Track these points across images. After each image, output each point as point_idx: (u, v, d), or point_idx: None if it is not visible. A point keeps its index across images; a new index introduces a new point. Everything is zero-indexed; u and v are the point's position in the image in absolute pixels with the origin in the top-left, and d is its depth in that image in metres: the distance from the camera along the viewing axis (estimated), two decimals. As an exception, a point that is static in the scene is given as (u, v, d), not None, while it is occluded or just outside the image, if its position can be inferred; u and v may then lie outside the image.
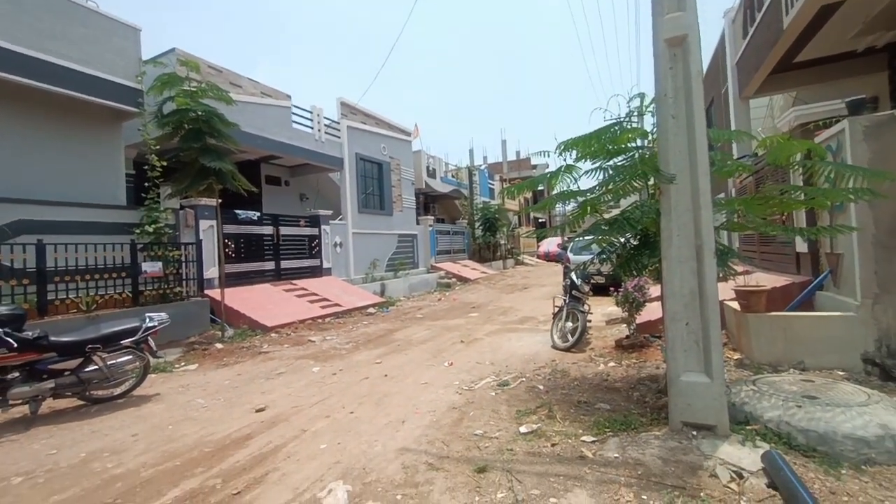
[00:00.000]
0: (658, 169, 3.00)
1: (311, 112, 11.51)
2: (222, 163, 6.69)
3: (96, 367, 4.15)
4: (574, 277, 6.00)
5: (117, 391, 4.40)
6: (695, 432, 2.97)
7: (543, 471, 2.72)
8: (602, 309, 8.26)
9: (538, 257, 29.33)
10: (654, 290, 5.62)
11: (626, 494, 2.39)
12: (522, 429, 3.35)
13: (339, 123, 12.44)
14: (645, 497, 2.36)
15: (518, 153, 37.72)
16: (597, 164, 4.15)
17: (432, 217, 17.52)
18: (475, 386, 4.49)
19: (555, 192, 4.51)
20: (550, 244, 30.47)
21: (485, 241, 21.21)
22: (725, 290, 4.43)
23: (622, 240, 4.01)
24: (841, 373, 3.83)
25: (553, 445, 3.05)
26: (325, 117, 11.86)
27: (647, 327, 5.55)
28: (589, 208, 4.20)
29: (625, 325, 6.80)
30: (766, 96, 8.30)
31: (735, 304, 4.64)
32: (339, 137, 12.35)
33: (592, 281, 10.75)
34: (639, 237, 3.86)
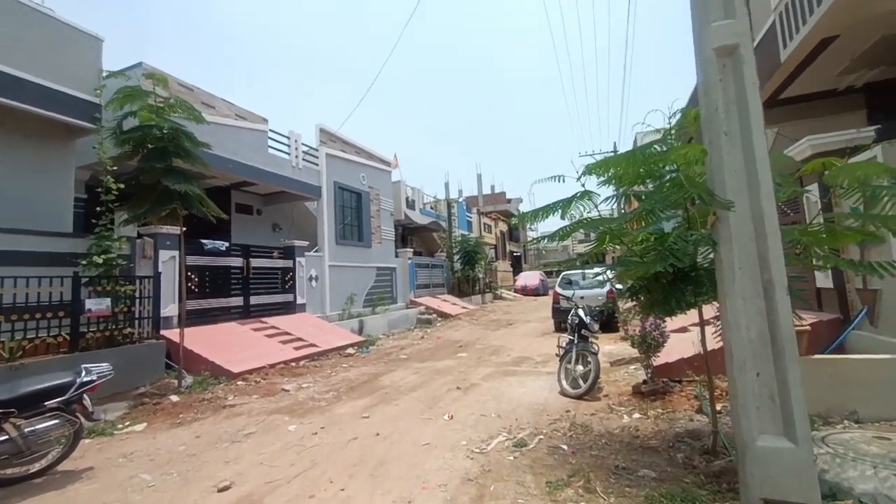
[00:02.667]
0: (712, 193, 2.59)
1: (288, 137, 10.95)
2: (189, 185, 5.96)
3: (6, 437, 3.23)
4: (582, 315, 5.52)
5: (35, 467, 3.45)
6: (780, 513, 2.42)
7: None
8: (601, 347, 7.77)
9: (516, 291, 29.06)
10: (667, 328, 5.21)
11: None
12: (562, 510, 2.71)
13: (317, 150, 11.91)
14: None
15: (493, 187, 38.18)
16: (621, 191, 3.78)
17: (411, 249, 16.95)
18: (487, 447, 3.81)
19: (566, 220, 4.08)
20: (528, 278, 30.44)
21: (464, 275, 20.73)
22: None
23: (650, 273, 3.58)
24: (894, 423, 3.42)
25: (606, 535, 2.43)
26: (303, 143, 11.32)
27: (666, 370, 5.07)
28: (607, 238, 3.81)
29: (633, 366, 6.33)
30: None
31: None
32: (318, 165, 11.79)
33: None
34: (673, 271, 3.42)
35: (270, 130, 10.57)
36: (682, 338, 5.38)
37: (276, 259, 10.26)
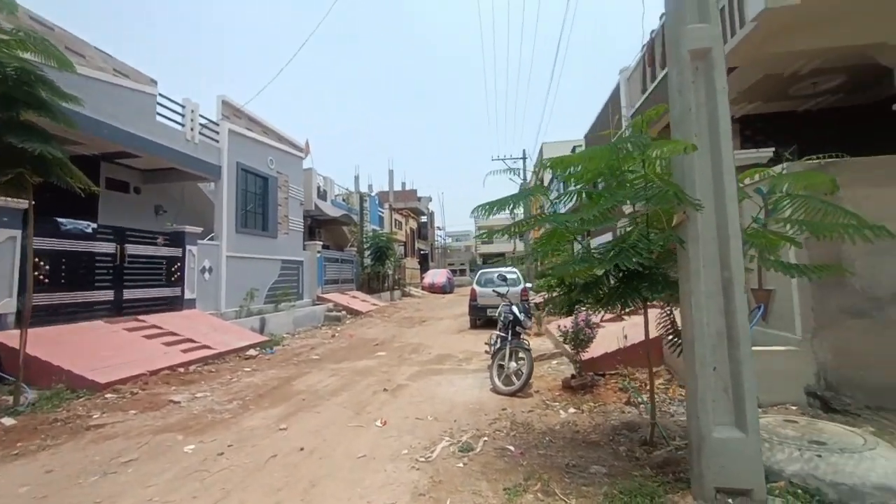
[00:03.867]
0: (684, 192, 2.64)
1: (183, 107, 9.33)
2: (46, 146, 4.59)
3: None
4: (517, 312, 5.50)
5: None
6: (730, 500, 2.52)
7: None
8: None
9: (423, 288, 29.10)
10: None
11: None
12: (529, 520, 2.53)
13: (218, 125, 10.37)
14: None
15: (404, 184, 37.81)
16: (577, 187, 3.77)
17: (320, 242, 15.85)
18: (432, 455, 3.50)
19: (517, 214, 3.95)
20: (436, 276, 30.69)
21: (374, 271, 20.07)
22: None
23: (599, 273, 3.62)
24: (793, 407, 3.93)
25: (580, 542, 2.29)
26: (201, 116, 9.75)
27: (592, 365, 5.28)
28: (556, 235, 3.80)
29: (555, 361, 6.54)
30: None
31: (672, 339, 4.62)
32: (218, 142, 10.27)
33: (491, 313, 10.61)
34: (624, 270, 3.49)
35: (160, 95, 8.89)
36: (604, 333, 5.68)
37: (160, 247, 8.66)
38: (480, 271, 11.91)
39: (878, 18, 5.30)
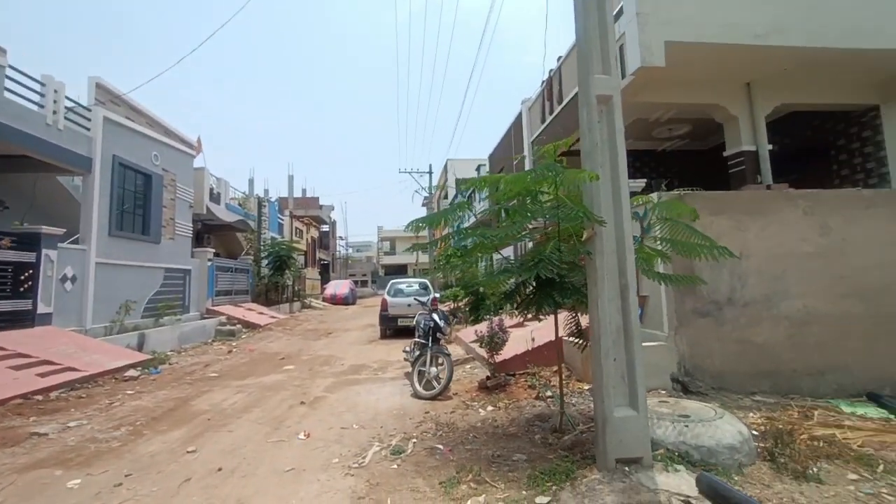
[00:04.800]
0: (591, 212, 3.16)
1: (43, 84, 7.86)
2: None
3: None
4: (437, 319, 5.76)
5: None
6: (626, 468, 3.04)
7: (537, 557, 2.22)
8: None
9: (324, 300, 27.97)
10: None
11: (637, 558, 2.16)
12: (468, 506, 2.75)
13: (90, 111, 8.91)
14: (654, 555, 2.18)
15: (304, 191, 36.10)
16: (496, 206, 4.18)
17: (212, 250, 14.39)
18: (364, 460, 3.54)
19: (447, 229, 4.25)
20: (338, 286, 29.73)
21: (272, 282, 18.77)
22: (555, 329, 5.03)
23: (512, 281, 4.06)
24: (663, 391, 4.79)
25: (514, 518, 2.59)
26: (68, 98, 8.30)
27: (506, 366, 5.75)
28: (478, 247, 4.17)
29: (469, 365, 6.94)
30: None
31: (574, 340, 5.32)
32: (90, 130, 8.83)
33: (402, 323, 10.82)
34: (537, 279, 3.96)
35: (10, 67, 7.38)
36: (513, 337, 6.22)
37: (5, 250, 7.14)
38: (391, 282, 12.00)
39: (713, 87, 6.82)
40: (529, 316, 4.19)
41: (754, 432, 3.64)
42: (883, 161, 7.08)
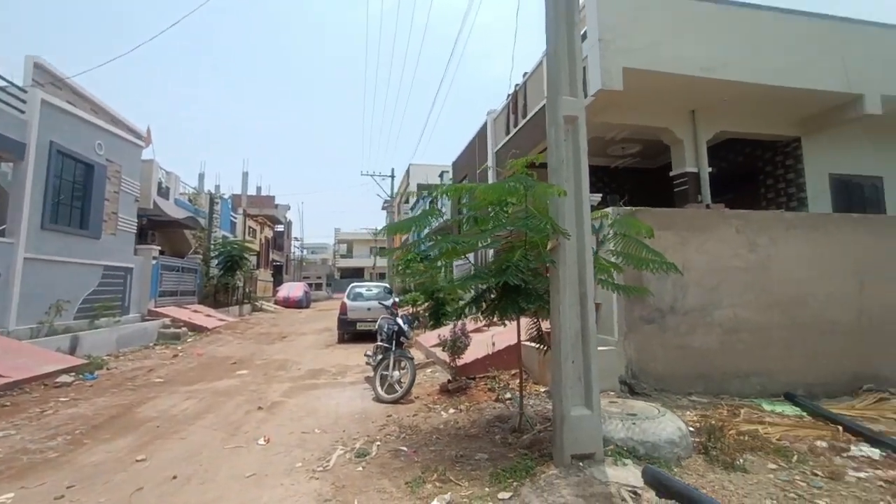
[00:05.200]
0: (558, 225, 3.39)
1: (-29, 60, 7.14)
2: None
3: None
4: (401, 323, 5.81)
5: None
6: (581, 463, 3.27)
7: (501, 548, 2.35)
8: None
9: (277, 303, 27.01)
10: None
11: (592, 544, 2.35)
12: (435, 503, 2.84)
13: (26, 92, 8.18)
14: (607, 540, 2.38)
15: (259, 189, 34.77)
16: (468, 213, 4.34)
17: (157, 248, 13.56)
18: (329, 464, 3.54)
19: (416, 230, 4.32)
20: (292, 289, 28.82)
21: (222, 283, 17.91)
22: (509, 334, 5.27)
23: (479, 286, 4.23)
24: (612, 392, 5.12)
25: (479, 514, 2.71)
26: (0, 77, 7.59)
27: (467, 369, 5.89)
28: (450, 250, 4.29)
29: (430, 369, 7.04)
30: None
31: (533, 345, 5.57)
32: (25, 113, 8.10)
33: (361, 327, 10.76)
34: (504, 285, 4.15)
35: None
36: (473, 342, 6.39)
37: (-84, 239, 6.40)
38: (351, 285, 11.87)
39: (663, 112, 7.40)
40: (495, 320, 4.35)
41: (691, 429, 3.99)
42: (802, 187, 7.98)
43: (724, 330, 5.48)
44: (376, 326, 6.65)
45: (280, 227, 34.40)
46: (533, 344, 5.10)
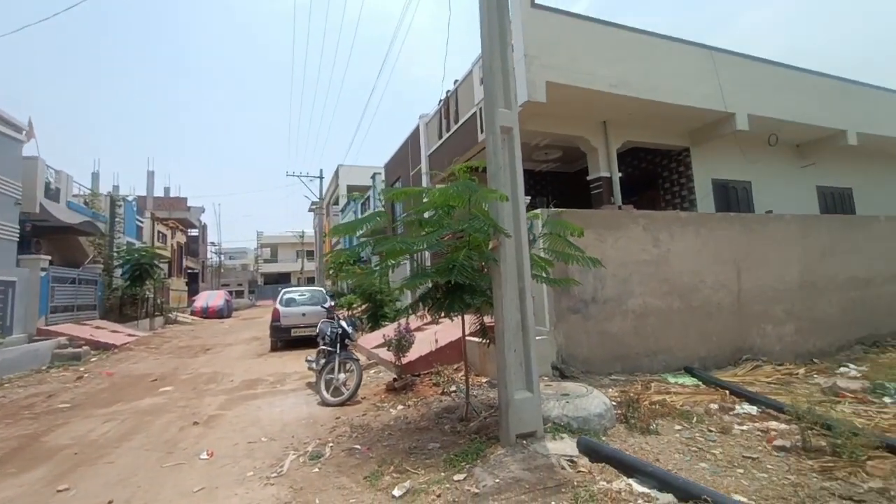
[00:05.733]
0: (499, 225, 3.71)
1: None
2: None
3: None
4: (345, 325, 5.82)
5: None
6: (524, 441, 3.62)
7: (462, 521, 2.59)
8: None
9: (194, 313, 24.87)
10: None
11: (540, 506, 2.68)
12: (395, 492, 3.01)
13: None
14: (550, 500, 2.73)
15: (168, 190, 31.67)
16: (410, 215, 4.52)
17: (47, 258, 11.89)
18: (282, 469, 3.53)
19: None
20: (211, 298, 26.74)
21: (129, 294, 16.13)
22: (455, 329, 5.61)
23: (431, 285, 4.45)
24: (546, 377, 5.61)
25: (438, 496, 2.93)
26: None
27: (412, 367, 6.06)
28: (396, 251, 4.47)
29: (373, 370, 7.10)
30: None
31: (477, 340, 5.92)
32: None
33: (296, 333, 10.45)
34: (448, 283, 4.40)
35: None
36: (417, 339, 6.58)
37: None
38: (283, 291, 11.41)
39: (580, 122, 8.19)
40: (438, 317, 4.59)
41: (613, 403, 4.56)
42: (692, 190, 9.28)
43: (635, 316, 6.26)
44: (316, 331, 6.58)
45: (194, 232, 31.62)
46: (476, 339, 5.44)
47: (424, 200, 4.15)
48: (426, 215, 4.44)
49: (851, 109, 9.93)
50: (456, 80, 9.10)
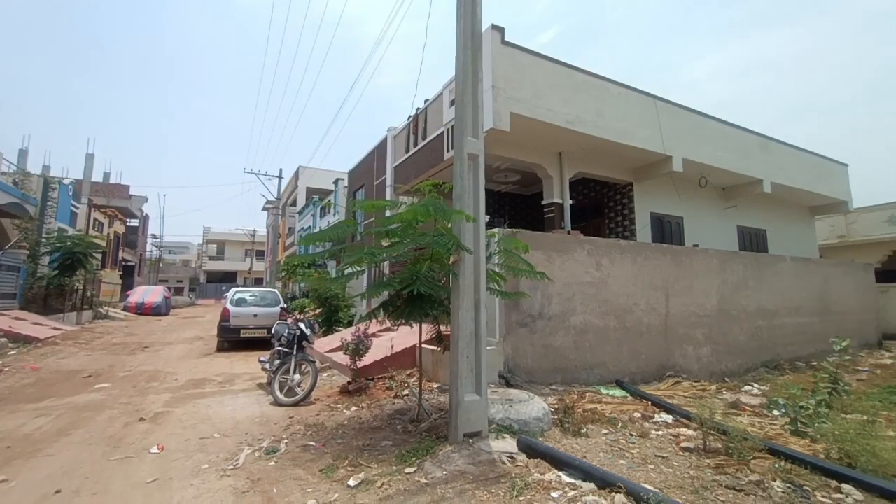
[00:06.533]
0: (461, 242, 4.09)
1: None
2: None
3: None
4: (303, 327, 5.92)
5: None
6: (471, 440, 3.97)
7: (413, 506, 2.88)
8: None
9: (127, 309, 23.24)
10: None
11: (482, 495, 3.02)
12: (350, 482, 3.24)
13: None
14: (494, 490, 3.08)
15: (108, 175, 29.53)
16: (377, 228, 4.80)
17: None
18: (238, 462, 3.64)
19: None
20: (148, 294, 25.12)
21: (56, 285, 14.93)
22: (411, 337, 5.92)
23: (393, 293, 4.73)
24: (493, 385, 6.01)
25: (391, 486, 3.20)
26: None
27: (367, 371, 6.24)
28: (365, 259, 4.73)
29: (326, 373, 7.20)
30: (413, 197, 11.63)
31: (432, 347, 6.23)
32: None
33: (246, 335, 10.27)
34: (410, 293, 4.71)
35: None
36: (374, 344, 6.78)
37: None
38: (234, 290, 11.14)
39: (538, 151, 8.85)
40: (392, 324, 4.86)
41: (551, 409, 5.03)
42: (633, 221, 10.22)
43: (576, 332, 6.85)
44: (272, 332, 6.61)
45: (134, 222, 29.66)
46: (430, 346, 5.77)
47: (389, 213, 4.45)
48: (391, 227, 4.75)
49: (768, 161, 11.40)
50: (426, 100, 9.53)
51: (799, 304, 9.53)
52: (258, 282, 38.92)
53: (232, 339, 10.11)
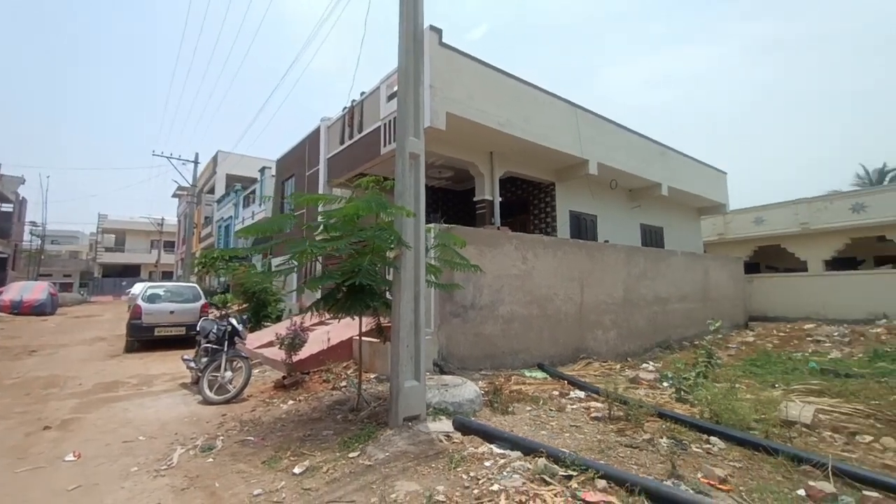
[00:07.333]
0: (402, 238, 4.30)
1: None
2: None
3: None
4: (235, 322, 5.73)
5: None
6: (410, 423, 4.24)
7: (360, 486, 3.08)
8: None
9: (1, 309, 19.99)
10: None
11: (424, 469, 3.31)
12: (296, 470, 3.34)
13: None
14: (434, 465, 3.38)
15: (-30, 150, 24.83)
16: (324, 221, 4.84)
17: None
18: (172, 462, 3.55)
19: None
20: (28, 290, 21.89)
21: None
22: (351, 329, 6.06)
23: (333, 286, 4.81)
24: (428, 372, 6.31)
25: (336, 470, 3.36)
26: None
27: (303, 364, 6.19)
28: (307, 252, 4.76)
29: (257, 370, 7.03)
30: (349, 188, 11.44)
31: (370, 339, 6.37)
32: None
33: (161, 333, 9.56)
34: (351, 285, 4.82)
35: None
36: (310, 338, 6.73)
37: None
38: (146, 286, 10.22)
39: (471, 150, 9.27)
40: (339, 317, 4.95)
41: (482, 391, 5.47)
42: (555, 218, 11.12)
43: (504, 321, 7.40)
44: (198, 328, 6.30)
45: (7, 207, 25.40)
46: (369, 338, 5.92)
47: (324, 208, 4.52)
48: (331, 221, 4.81)
49: (665, 168, 13.00)
50: (363, 92, 9.48)
51: (686, 292, 11.10)
52: (167, 276, 35.44)
53: (145, 339, 9.31)
